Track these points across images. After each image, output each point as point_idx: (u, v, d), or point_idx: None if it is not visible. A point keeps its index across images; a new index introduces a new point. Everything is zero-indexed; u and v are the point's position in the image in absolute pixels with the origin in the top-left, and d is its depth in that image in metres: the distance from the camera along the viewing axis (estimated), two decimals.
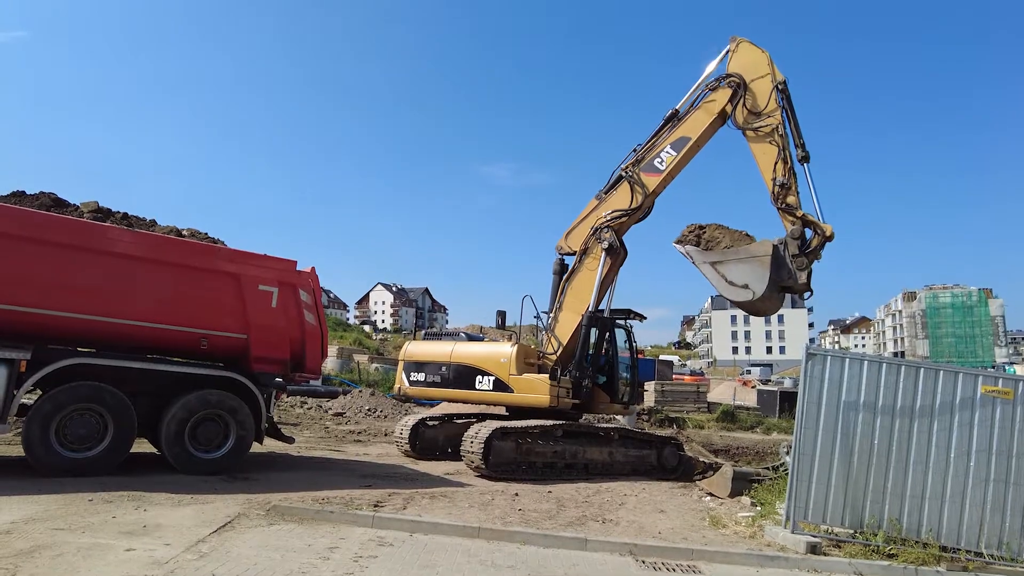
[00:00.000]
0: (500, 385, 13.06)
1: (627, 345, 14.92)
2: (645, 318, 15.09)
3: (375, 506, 8.15)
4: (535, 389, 12.74)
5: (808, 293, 12.51)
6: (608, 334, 14.14)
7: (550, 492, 10.54)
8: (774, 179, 12.38)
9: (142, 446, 10.08)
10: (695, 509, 10.13)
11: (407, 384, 14.53)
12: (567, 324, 13.77)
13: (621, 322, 14.72)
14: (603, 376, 14.03)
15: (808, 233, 12.36)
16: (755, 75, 13.03)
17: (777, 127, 12.51)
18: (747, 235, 13.12)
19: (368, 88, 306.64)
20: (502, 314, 14.29)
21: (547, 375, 12.82)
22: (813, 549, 7.53)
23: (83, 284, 8.76)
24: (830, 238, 12.00)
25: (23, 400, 8.44)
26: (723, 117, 13.31)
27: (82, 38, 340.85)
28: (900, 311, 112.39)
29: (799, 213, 12.16)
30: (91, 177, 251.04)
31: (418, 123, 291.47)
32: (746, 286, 12.50)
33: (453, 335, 16.86)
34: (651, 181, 13.64)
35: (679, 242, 13.70)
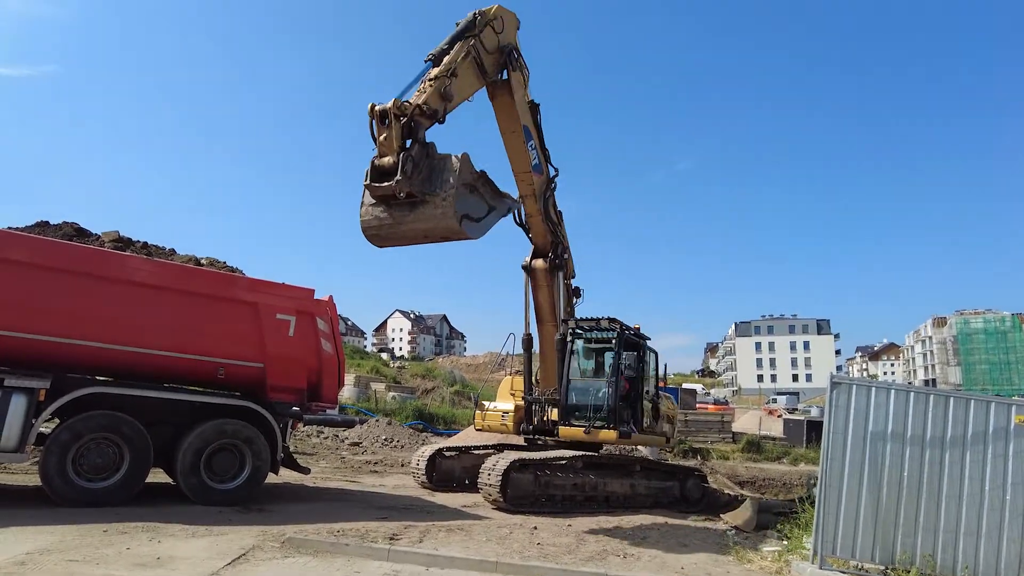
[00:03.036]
0: None
1: (616, 363, 12.68)
2: (611, 321, 12.83)
3: (391, 539, 8.02)
4: None
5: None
6: (566, 351, 12.86)
7: (570, 526, 10.31)
8: None
9: (157, 476, 10.07)
10: (719, 543, 9.82)
11: None
12: None
13: (583, 332, 13.21)
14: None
15: None
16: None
17: None
18: None
19: None
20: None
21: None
22: None
23: (103, 313, 8.85)
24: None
25: (40, 429, 8.50)
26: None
27: (106, 71, 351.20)
28: (930, 337, 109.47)
29: None
30: (113, 207, 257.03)
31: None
32: None
33: None
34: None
35: None
